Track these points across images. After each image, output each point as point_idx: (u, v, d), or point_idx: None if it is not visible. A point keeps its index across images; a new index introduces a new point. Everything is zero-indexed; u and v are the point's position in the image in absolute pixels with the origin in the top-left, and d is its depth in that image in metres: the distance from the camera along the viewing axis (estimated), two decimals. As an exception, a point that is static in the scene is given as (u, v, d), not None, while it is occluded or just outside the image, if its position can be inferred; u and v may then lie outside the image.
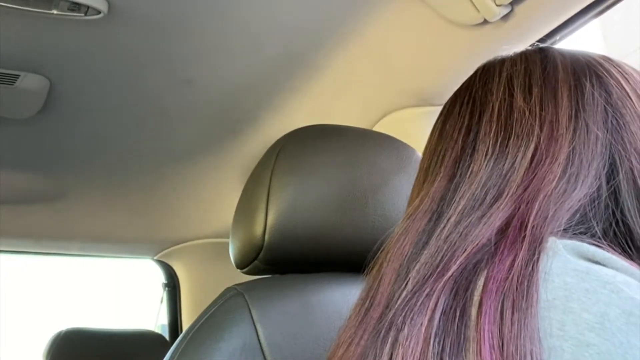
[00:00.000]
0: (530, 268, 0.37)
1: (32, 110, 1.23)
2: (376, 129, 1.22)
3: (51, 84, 1.15)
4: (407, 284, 0.42)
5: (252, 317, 0.70)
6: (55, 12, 0.92)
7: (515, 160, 0.46)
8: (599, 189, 0.44)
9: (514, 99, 0.50)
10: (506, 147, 0.47)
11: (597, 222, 0.43)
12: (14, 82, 1.12)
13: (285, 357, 0.69)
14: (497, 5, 0.88)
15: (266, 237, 0.74)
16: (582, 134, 0.46)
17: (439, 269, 0.41)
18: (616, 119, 0.47)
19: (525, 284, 0.36)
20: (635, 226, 0.43)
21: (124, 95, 1.23)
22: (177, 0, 0.95)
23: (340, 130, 0.82)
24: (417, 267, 0.43)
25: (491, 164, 0.47)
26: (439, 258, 0.42)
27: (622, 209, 0.44)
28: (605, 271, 0.36)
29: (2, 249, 1.90)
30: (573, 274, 0.36)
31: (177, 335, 0.86)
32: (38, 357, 1.60)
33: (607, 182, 0.45)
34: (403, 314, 0.40)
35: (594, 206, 0.44)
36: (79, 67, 1.11)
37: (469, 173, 0.47)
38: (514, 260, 0.38)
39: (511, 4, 0.88)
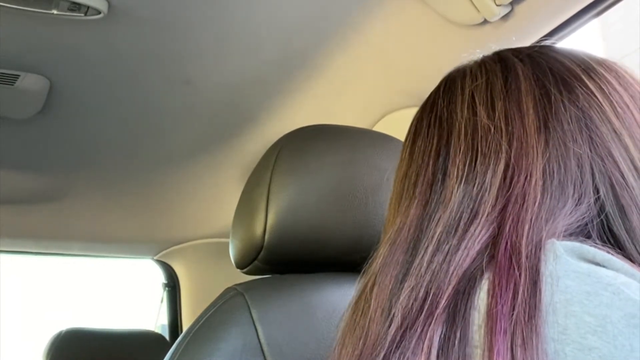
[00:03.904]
0: (535, 300, 0.36)
1: (32, 110, 1.23)
2: (376, 129, 1.22)
3: (51, 84, 1.15)
4: (392, 321, 0.41)
5: (252, 317, 0.70)
6: (55, 12, 0.92)
7: (485, 180, 0.45)
8: (587, 199, 0.43)
9: (478, 117, 0.48)
10: (474, 168, 0.46)
11: (591, 229, 0.43)
12: (14, 82, 1.12)
13: (285, 357, 0.69)
14: (497, 5, 0.88)
15: (266, 237, 0.74)
16: (555, 145, 0.45)
17: (427, 306, 0.40)
18: (586, 125, 0.45)
19: (533, 320, 0.35)
20: (620, 232, 0.42)
21: (124, 95, 1.23)
22: (177, 0, 0.95)
23: (340, 130, 0.82)
24: (400, 302, 0.41)
25: (462, 187, 0.45)
26: (422, 291, 0.41)
27: (606, 215, 0.43)
28: (606, 273, 0.36)
29: (2, 249, 1.90)
30: (574, 277, 0.36)
31: (177, 335, 0.86)
32: (38, 357, 1.60)
33: (592, 191, 0.43)
34: (397, 355, 0.39)
35: (586, 218, 0.43)
36: (79, 67, 1.11)
37: (442, 199, 0.46)
38: (515, 292, 0.37)
39: (511, 4, 0.88)
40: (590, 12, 0.88)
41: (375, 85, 1.17)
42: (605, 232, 0.43)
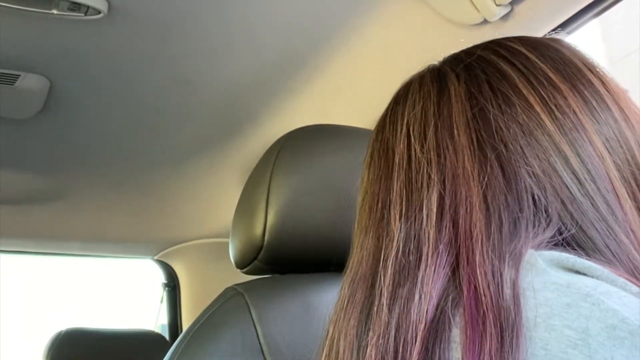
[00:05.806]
0: (512, 355, 0.34)
1: (32, 110, 1.23)
2: (376, 129, 1.22)
3: (51, 84, 1.15)
4: None
5: (252, 317, 0.70)
6: (55, 12, 0.92)
7: (422, 217, 0.43)
8: (556, 219, 0.41)
9: (412, 150, 0.47)
10: (410, 204, 0.44)
11: (565, 244, 0.41)
12: (14, 82, 1.12)
13: (285, 357, 0.69)
14: (497, 5, 0.88)
15: (266, 237, 0.74)
16: (495, 167, 0.42)
17: None
18: (528, 141, 0.43)
19: None
20: (587, 246, 0.41)
21: (124, 95, 1.23)
22: (177, 0, 0.95)
23: (340, 130, 0.82)
24: (368, 356, 0.39)
25: (403, 224, 0.44)
26: (391, 348, 0.39)
27: (569, 231, 0.41)
28: (586, 282, 0.35)
29: (2, 249, 1.90)
30: (553, 288, 0.35)
31: (177, 335, 0.86)
32: (38, 357, 1.60)
33: (553, 210, 0.41)
34: None
35: (557, 237, 0.40)
36: (79, 67, 1.11)
37: (389, 237, 0.44)
38: (487, 347, 0.35)
39: (511, 3, 0.88)
40: (590, 12, 0.88)
41: (375, 85, 1.17)
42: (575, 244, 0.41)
